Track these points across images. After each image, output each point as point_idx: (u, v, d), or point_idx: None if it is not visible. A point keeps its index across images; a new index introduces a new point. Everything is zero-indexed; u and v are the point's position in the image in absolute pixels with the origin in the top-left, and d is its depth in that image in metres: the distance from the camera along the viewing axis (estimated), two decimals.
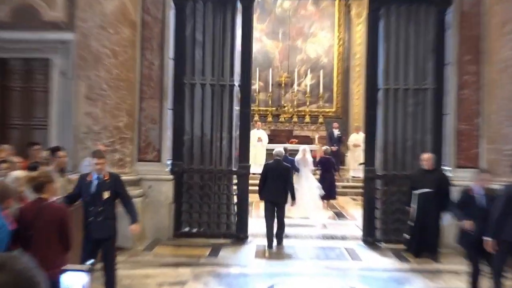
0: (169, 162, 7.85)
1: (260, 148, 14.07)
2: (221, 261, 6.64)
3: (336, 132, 14.44)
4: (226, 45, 7.87)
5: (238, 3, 7.84)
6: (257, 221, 8.83)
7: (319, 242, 7.97)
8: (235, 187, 7.99)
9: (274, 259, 6.91)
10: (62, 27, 7.33)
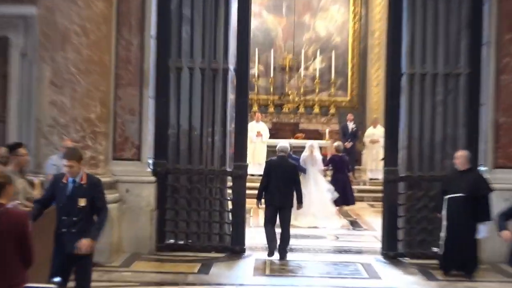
0: (150, 161, 7.87)
1: (259, 145, 14.07)
2: (213, 279, 6.63)
3: (350, 125, 14.45)
4: (219, 21, 7.84)
5: None
6: (256, 231, 8.83)
7: (330, 256, 7.97)
8: (229, 191, 7.98)
9: (276, 276, 6.90)
10: None
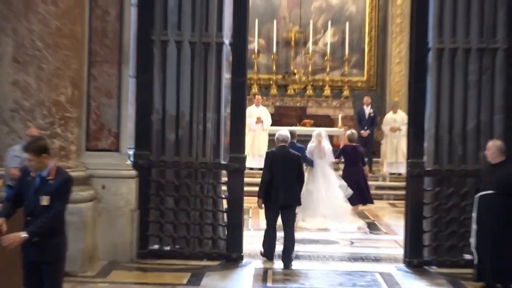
0: (131, 152, 7.86)
1: (260, 133, 14.06)
2: None
3: (367, 110, 14.42)
4: None
5: None
6: (256, 235, 8.87)
7: (344, 264, 8.02)
8: (224, 188, 8.01)
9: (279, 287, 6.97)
10: None
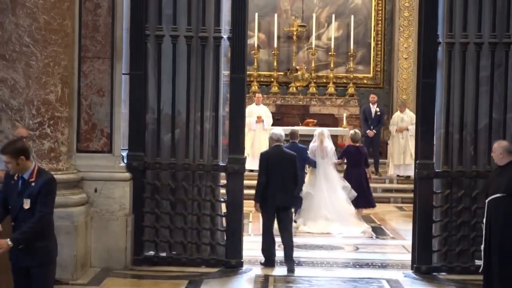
0: (124, 153, 7.89)
1: (260, 133, 14.09)
2: None
3: (374, 108, 14.44)
4: None
5: None
6: (256, 240, 8.83)
7: (349, 271, 8.04)
8: (223, 191, 8.02)
9: None
10: None
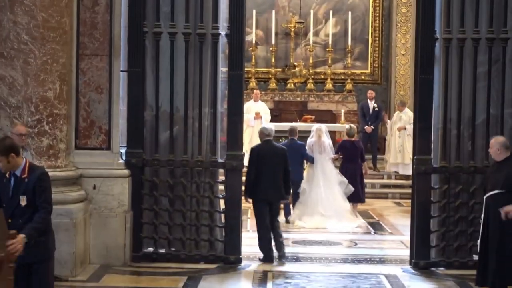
0: (123, 150, 7.89)
1: (258, 129, 14.05)
2: None
3: (371, 104, 14.44)
4: None
5: None
6: (255, 236, 8.78)
7: (347, 267, 8.04)
8: (222, 187, 8.03)
9: None
10: None
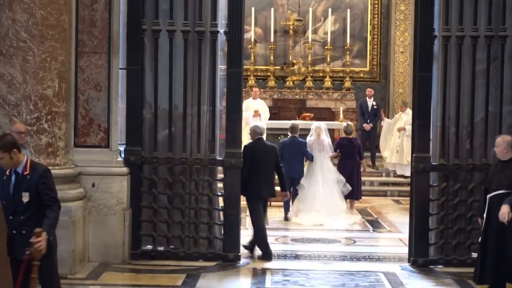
0: (122, 148, 7.90)
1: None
2: None
3: (370, 102, 14.43)
4: None
5: None
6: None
7: (346, 264, 8.05)
8: (220, 185, 8.05)
9: None
10: None
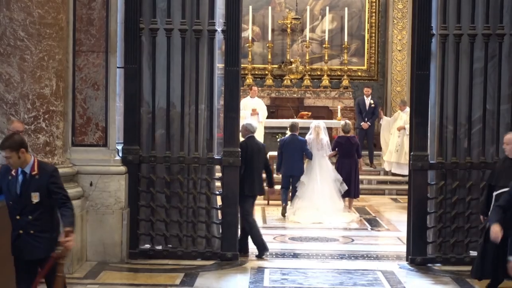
0: (119, 147, 7.92)
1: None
2: None
3: (368, 100, 14.44)
4: None
5: None
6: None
7: (344, 263, 8.07)
8: (218, 184, 8.06)
9: None
10: None
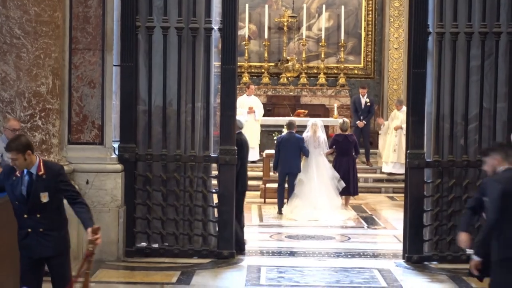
0: (115, 145, 7.93)
1: (252, 124, 14.02)
2: None
3: (364, 99, 14.46)
4: None
5: None
6: (248, 230, 8.96)
7: (340, 261, 8.09)
8: (215, 182, 8.06)
9: (274, 286, 7.00)
10: None
